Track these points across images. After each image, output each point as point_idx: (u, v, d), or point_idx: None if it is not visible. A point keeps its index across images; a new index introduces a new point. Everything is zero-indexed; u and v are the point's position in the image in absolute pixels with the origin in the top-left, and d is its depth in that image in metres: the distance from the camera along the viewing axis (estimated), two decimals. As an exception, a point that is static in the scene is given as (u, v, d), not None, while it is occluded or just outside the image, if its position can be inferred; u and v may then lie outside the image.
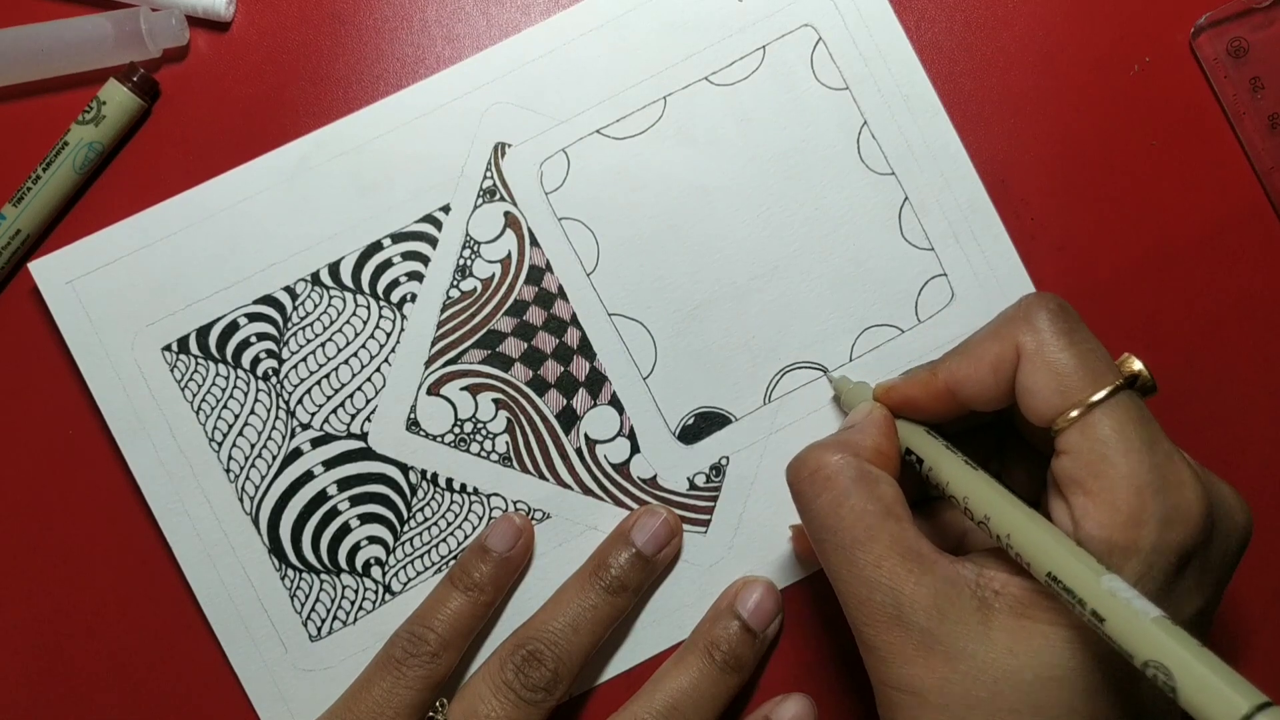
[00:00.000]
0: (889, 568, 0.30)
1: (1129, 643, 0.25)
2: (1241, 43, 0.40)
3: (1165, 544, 0.28)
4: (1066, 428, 0.29)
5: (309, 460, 0.39)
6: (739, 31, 0.40)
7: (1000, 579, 0.29)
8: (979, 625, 0.29)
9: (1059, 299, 0.31)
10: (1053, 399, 0.30)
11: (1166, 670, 0.24)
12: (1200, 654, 0.24)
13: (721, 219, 0.40)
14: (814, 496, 0.32)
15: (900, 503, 0.31)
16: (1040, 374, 0.30)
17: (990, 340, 0.31)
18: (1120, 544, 0.28)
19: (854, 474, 0.31)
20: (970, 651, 0.29)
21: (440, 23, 0.41)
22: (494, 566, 0.38)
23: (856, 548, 0.31)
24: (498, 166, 0.40)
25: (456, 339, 0.40)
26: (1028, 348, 0.30)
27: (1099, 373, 0.29)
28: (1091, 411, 0.29)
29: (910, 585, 0.30)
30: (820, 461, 0.32)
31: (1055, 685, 0.28)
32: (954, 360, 0.33)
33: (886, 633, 0.30)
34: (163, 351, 0.39)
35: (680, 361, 0.40)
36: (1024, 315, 0.31)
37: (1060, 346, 0.30)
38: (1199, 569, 0.29)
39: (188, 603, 0.39)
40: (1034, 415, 0.30)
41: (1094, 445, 0.29)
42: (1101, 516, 0.28)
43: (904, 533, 0.31)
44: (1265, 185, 0.40)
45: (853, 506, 0.31)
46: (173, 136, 0.40)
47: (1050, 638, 0.28)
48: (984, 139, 0.40)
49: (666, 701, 0.37)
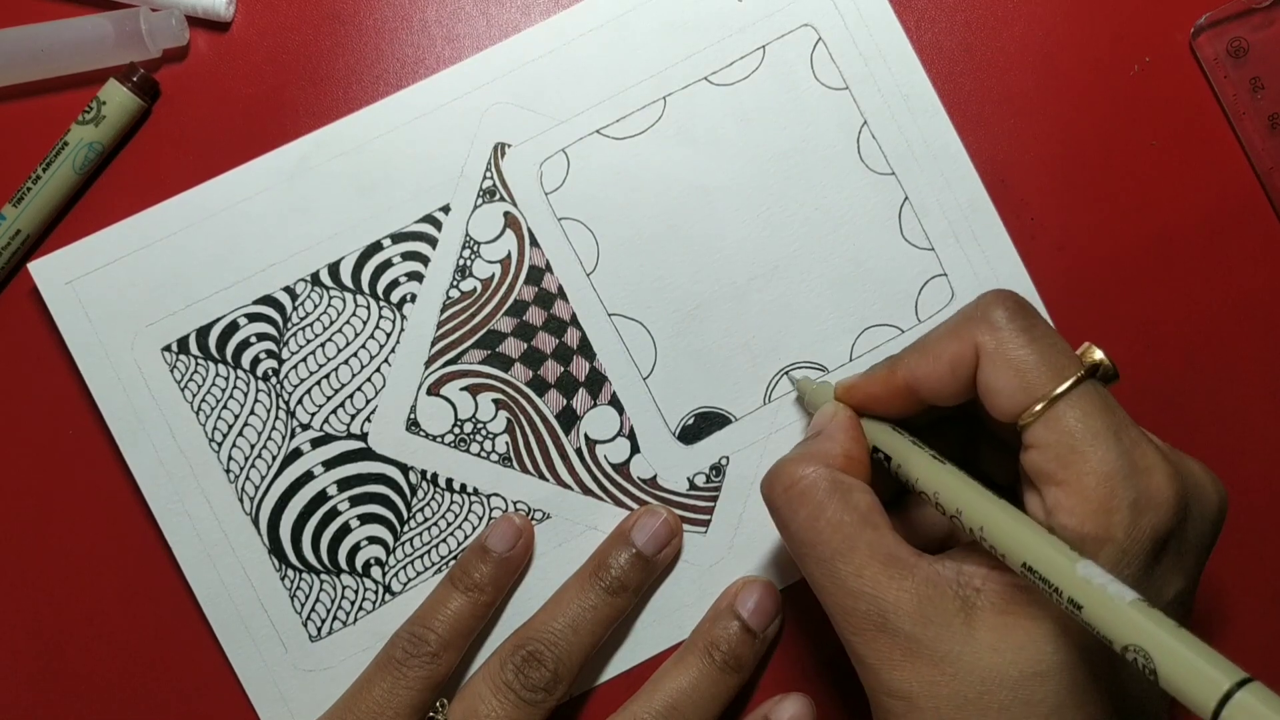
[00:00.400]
0: (870, 576, 0.30)
1: (1107, 628, 0.25)
2: (1241, 43, 0.40)
3: (1139, 529, 0.28)
4: (1032, 422, 0.29)
5: (309, 460, 0.39)
6: (739, 31, 0.40)
7: (980, 575, 0.29)
8: (963, 625, 0.29)
9: (1016, 295, 0.31)
10: (1016, 395, 0.30)
11: (1145, 653, 0.24)
12: (1178, 634, 0.24)
13: (721, 219, 0.40)
14: (791, 512, 0.32)
15: (876, 509, 0.31)
16: (1001, 372, 0.30)
17: (948, 339, 0.31)
18: (1093, 533, 0.28)
19: (827, 485, 0.32)
20: (956, 653, 0.29)
21: (440, 23, 0.41)
22: (494, 567, 0.38)
23: (837, 559, 0.31)
24: (498, 166, 0.40)
25: (456, 339, 0.40)
26: (987, 347, 0.30)
27: (1060, 366, 0.29)
28: (1055, 404, 0.29)
29: (892, 592, 0.30)
30: (793, 476, 0.32)
31: (1041, 679, 0.28)
32: (913, 358, 0.32)
33: (873, 641, 0.30)
34: (162, 352, 0.39)
35: (680, 361, 0.40)
36: (981, 314, 0.31)
37: (1020, 344, 0.30)
38: (1176, 551, 0.29)
39: (188, 603, 0.39)
40: (999, 412, 0.30)
41: (1060, 437, 0.29)
42: (1073, 506, 0.28)
43: (882, 539, 0.31)
44: (1265, 185, 0.40)
45: (829, 519, 0.31)
46: (173, 136, 0.40)
47: (1032, 632, 0.28)
48: (984, 139, 0.40)
49: (666, 701, 0.37)
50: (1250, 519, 0.40)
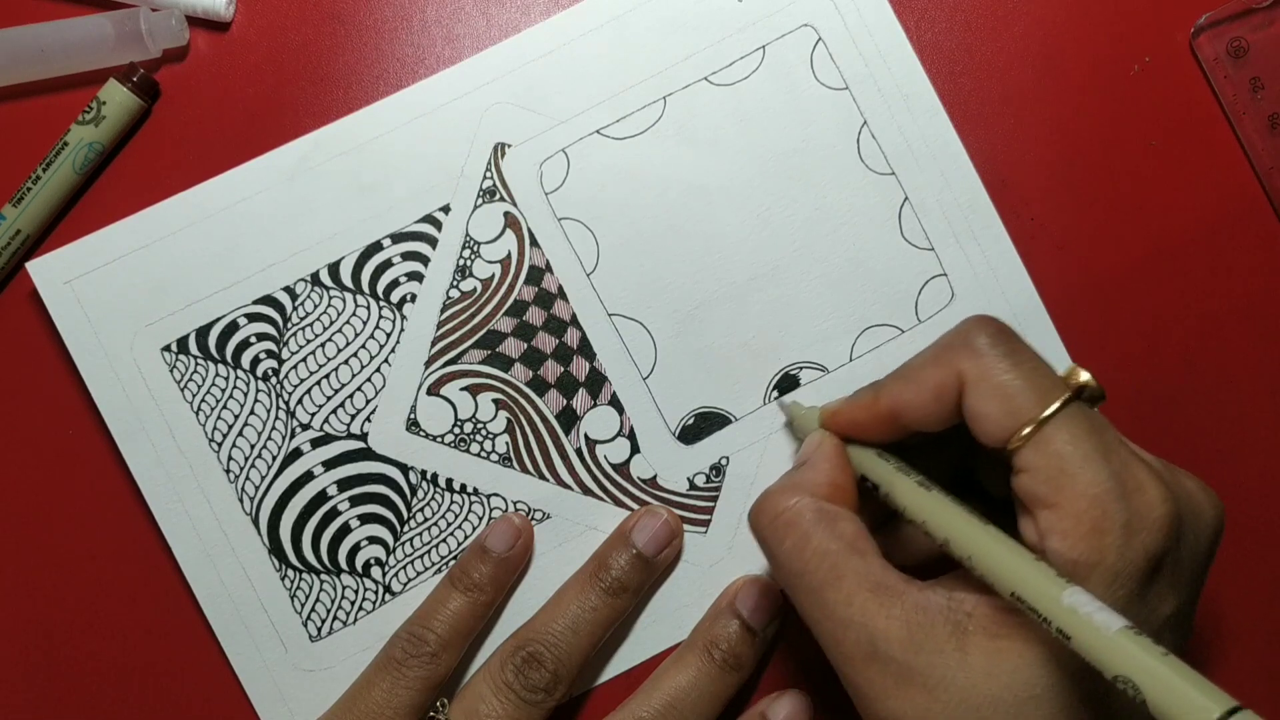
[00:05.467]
0: (859, 604, 0.30)
1: (1095, 657, 0.25)
2: (1241, 43, 0.40)
3: (1131, 550, 0.28)
4: (1020, 446, 0.29)
5: (309, 460, 0.39)
6: (739, 31, 0.40)
7: (970, 600, 0.29)
8: (955, 651, 0.29)
9: (997, 320, 0.31)
10: (1003, 420, 0.29)
11: (1133, 683, 0.24)
12: (1167, 662, 0.24)
13: (721, 219, 0.40)
14: (778, 543, 0.32)
15: (863, 536, 0.31)
16: (987, 398, 0.30)
17: (931, 366, 0.31)
18: (1086, 555, 0.28)
19: (813, 515, 0.31)
20: (949, 679, 0.28)
21: (440, 23, 0.41)
22: (493, 567, 0.38)
23: (825, 589, 0.30)
24: (498, 166, 0.40)
25: (456, 339, 0.40)
26: (970, 374, 0.30)
27: (1045, 389, 0.29)
28: (1044, 428, 0.29)
29: (882, 620, 0.29)
30: (779, 506, 0.32)
31: (1035, 704, 0.28)
32: (896, 385, 0.32)
33: (865, 669, 0.30)
34: (162, 352, 0.39)
35: (680, 361, 0.40)
36: (963, 340, 0.31)
37: (1004, 369, 0.30)
38: (1171, 570, 0.29)
39: (188, 603, 0.39)
40: (986, 438, 0.30)
41: (1050, 460, 0.29)
42: (1066, 529, 0.28)
43: (869, 567, 0.30)
44: (1265, 185, 0.40)
45: (815, 548, 0.31)
46: (173, 136, 0.40)
47: (1026, 656, 0.28)
48: (984, 139, 0.40)
49: (665, 700, 0.37)
50: (1250, 519, 0.40)
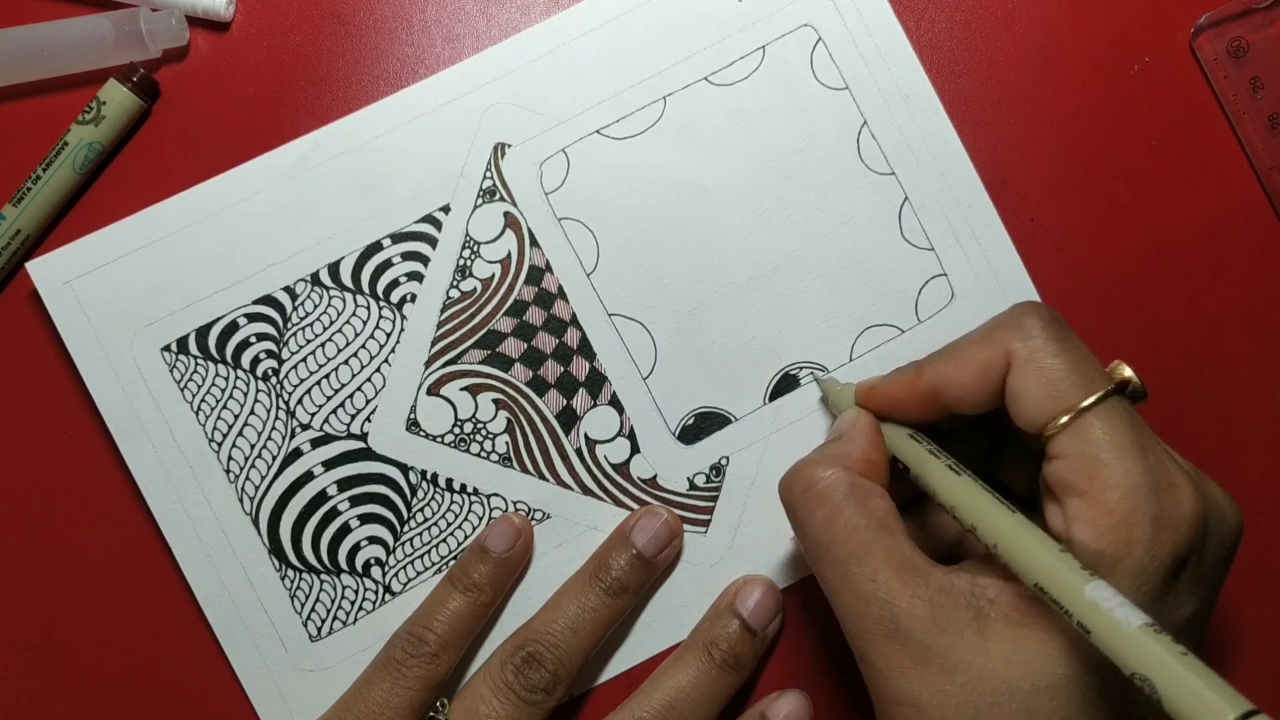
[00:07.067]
0: (884, 581, 0.30)
1: (1114, 653, 0.25)
2: (1241, 43, 0.40)
3: (1159, 545, 0.28)
4: (1058, 432, 0.29)
5: (309, 460, 0.39)
6: (739, 31, 0.40)
7: (994, 587, 0.29)
8: (975, 636, 0.29)
9: (1050, 308, 0.31)
10: (1044, 405, 0.30)
11: (1150, 681, 0.24)
12: (1185, 661, 0.24)
13: (721, 219, 0.40)
14: (808, 514, 0.32)
15: (893, 515, 0.31)
16: (1032, 380, 0.30)
17: (980, 345, 0.31)
18: (1113, 547, 0.28)
19: (846, 489, 0.32)
20: (968, 663, 0.29)
21: (440, 23, 0.41)
22: (493, 567, 0.38)
23: (851, 562, 0.31)
24: (497, 166, 0.40)
25: (456, 339, 0.40)
26: (1019, 354, 0.30)
27: (1090, 378, 0.30)
28: (1083, 416, 0.29)
29: (905, 598, 0.30)
30: (812, 478, 0.32)
31: (1051, 693, 0.28)
32: (940, 363, 0.33)
33: (883, 647, 0.30)
34: (162, 352, 0.39)
35: (680, 361, 0.40)
36: (1015, 322, 0.31)
37: (1052, 353, 0.30)
38: (1194, 571, 0.29)
39: (188, 603, 0.39)
40: (1025, 421, 0.30)
41: (1086, 449, 0.29)
42: (1094, 519, 0.28)
43: (898, 546, 0.31)
44: (1265, 185, 0.40)
45: (846, 521, 0.31)
46: (173, 136, 0.40)
47: (1045, 645, 0.28)
48: (984, 139, 0.40)
49: (665, 700, 0.37)
50: (1250, 519, 0.40)
